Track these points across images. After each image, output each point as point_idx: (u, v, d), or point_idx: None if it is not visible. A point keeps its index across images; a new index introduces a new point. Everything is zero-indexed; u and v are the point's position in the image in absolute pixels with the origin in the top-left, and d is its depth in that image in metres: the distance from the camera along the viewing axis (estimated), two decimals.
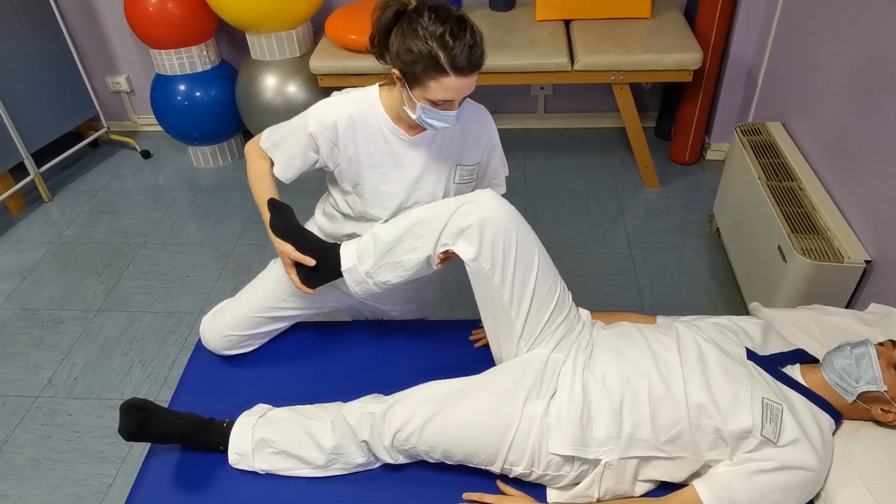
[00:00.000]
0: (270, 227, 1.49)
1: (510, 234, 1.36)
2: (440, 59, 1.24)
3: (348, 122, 1.44)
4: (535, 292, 1.40)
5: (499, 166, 1.64)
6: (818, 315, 1.57)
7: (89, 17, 3.44)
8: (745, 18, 2.86)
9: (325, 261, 1.48)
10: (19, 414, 2.26)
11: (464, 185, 1.57)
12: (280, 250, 1.49)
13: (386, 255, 1.45)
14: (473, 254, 1.36)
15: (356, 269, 1.48)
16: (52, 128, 3.31)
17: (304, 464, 1.40)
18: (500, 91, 3.56)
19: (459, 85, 1.29)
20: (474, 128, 1.52)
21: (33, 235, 3.08)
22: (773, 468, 1.21)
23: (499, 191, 1.64)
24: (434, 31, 1.24)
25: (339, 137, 1.45)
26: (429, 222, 1.40)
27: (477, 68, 1.29)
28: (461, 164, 1.53)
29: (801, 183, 2.21)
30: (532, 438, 1.31)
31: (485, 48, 1.29)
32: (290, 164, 1.50)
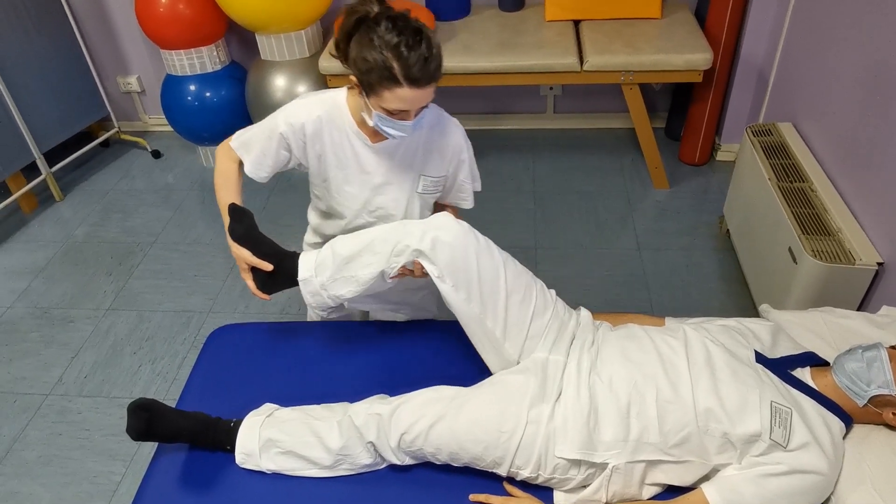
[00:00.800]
0: (229, 232, 1.50)
1: (467, 252, 1.38)
2: (394, 70, 1.24)
3: (316, 123, 1.46)
4: (509, 300, 1.41)
5: (465, 181, 1.61)
6: (829, 317, 1.55)
7: (101, 18, 3.47)
8: (756, 18, 2.84)
9: (283, 267, 1.50)
10: (30, 411, 2.27)
11: (428, 195, 1.57)
12: (236, 255, 1.50)
13: (342, 269, 1.46)
14: (437, 272, 1.39)
15: (312, 281, 1.49)
16: (64, 128, 3.34)
17: (311, 464, 1.40)
18: (509, 91, 3.55)
19: (413, 96, 1.29)
20: (440, 140, 1.51)
21: (45, 234, 3.11)
22: (782, 472, 1.20)
23: (465, 205, 1.66)
24: (389, 41, 1.24)
25: (308, 138, 1.47)
26: (386, 241, 1.42)
27: (431, 80, 1.29)
28: (425, 175, 1.53)
29: (812, 184, 2.20)
30: (538, 442, 1.30)
31: (441, 61, 1.29)
32: (261, 164, 1.51)
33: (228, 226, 1.50)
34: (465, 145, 1.55)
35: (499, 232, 2.92)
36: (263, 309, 2.61)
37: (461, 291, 1.39)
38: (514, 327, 1.41)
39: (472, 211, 3.18)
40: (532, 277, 1.48)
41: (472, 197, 1.67)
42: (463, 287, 1.39)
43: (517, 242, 2.85)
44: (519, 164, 3.36)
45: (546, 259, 2.74)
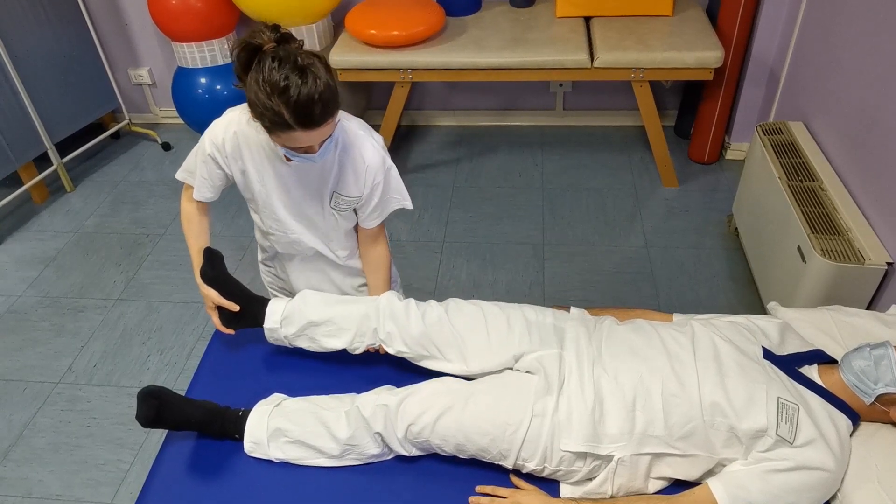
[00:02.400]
0: (200, 275, 1.55)
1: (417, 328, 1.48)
2: (284, 116, 1.21)
3: (234, 140, 1.45)
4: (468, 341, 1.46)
5: (377, 208, 1.56)
6: (837, 315, 1.55)
7: (113, 11, 3.48)
8: (768, 17, 2.83)
9: (250, 311, 1.57)
10: (40, 399, 2.29)
11: (343, 212, 1.55)
12: (204, 294, 1.55)
13: (307, 329, 1.54)
14: (405, 349, 1.50)
15: (277, 331, 1.57)
16: (76, 119, 3.36)
17: (319, 453, 1.41)
18: (519, 87, 3.55)
19: (310, 136, 1.26)
20: (354, 162, 1.47)
21: (56, 224, 3.13)
22: (788, 468, 1.20)
23: (370, 224, 1.59)
24: (276, 85, 1.19)
25: (229, 155, 1.47)
26: (352, 319, 1.52)
27: (325, 119, 1.25)
28: (338, 193, 1.51)
29: (823, 183, 2.19)
30: (544, 435, 1.31)
31: (335, 94, 1.24)
32: (203, 185, 1.54)
33: (200, 269, 1.56)
34: (382, 167, 1.50)
35: (507, 228, 2.92)
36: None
37: (430, 361, 1.49)
38: (488, 354, 1.45)
39: (482, 207, 3.19)
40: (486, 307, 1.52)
41: (379, 222, 1.60)
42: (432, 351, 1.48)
43: (525, 238, 2.85)
44: (528, 161, 3.36)
45: (554, 255, 2.74)
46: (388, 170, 1.52)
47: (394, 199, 1.57)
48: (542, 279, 2.63)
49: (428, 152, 3.48)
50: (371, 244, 1.65)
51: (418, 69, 2.90)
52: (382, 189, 1.53)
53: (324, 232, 1.59)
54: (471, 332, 1.47)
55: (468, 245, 2.84)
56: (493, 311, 1.50)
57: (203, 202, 1.59)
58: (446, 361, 1.47)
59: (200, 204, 1.60)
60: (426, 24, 2.87)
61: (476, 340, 1.46)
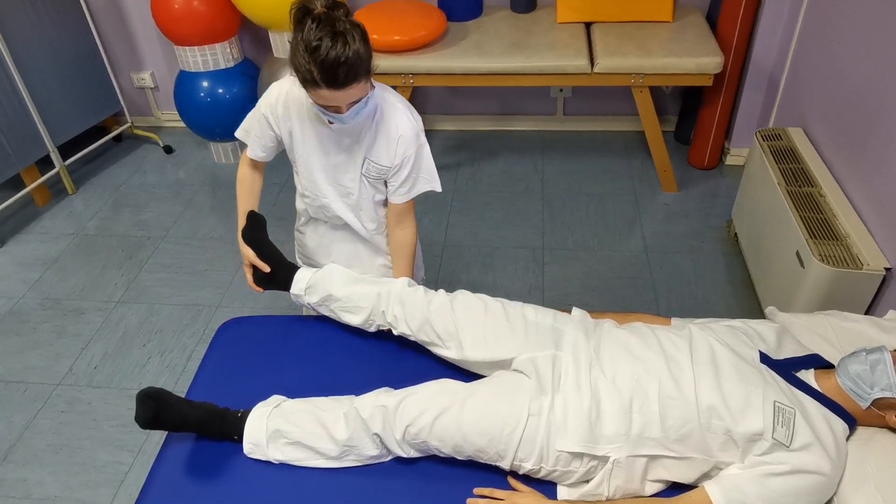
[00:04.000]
0: (241, 234, 1.70)
1: (422, 315, 1.56)
2: (313, 73, 1.30)
3: (286, 100, 1.55)
4: (465, 332, 1.52)
5: (405, 183, 1.60)
6: (835, 320, 1.56)
7: (116, 14, 3.50)
8: (767, 23, 2.84)
9: (278, 275, 1.71)
10: (40, 401, 2.30)
11: (372, 180, 1.61)
12: (242, 252, 1.70)
13: (327, 302, 1.67)
14: (409, 332, 1.59)
15: (301, 298, 1.70)
16: (78, 122, 3.37)
17: (318, 455, 1.42)
18: (520, 92, 3.56)
19: (335, 96, 1.34)
20: (390, 132, 1.53)
21: (57, 227, 3.14)
22: (785, 472, 1.20)
23: (397, 199, 1.63)
24: (308, 44, 1.27)
25: (280, 116, 1.57)
26: (368, 298, 1.62)
27: (350, 82, 1.32)
28: (370, 159, 1.57)
29: (821, 189, 2.20)
30: (540, 434, 1.32)
31: (362, 61, 1.31)
32: (257, 145, 1.65)
33: (242, 228, 1.70)
34: (415, 141, 1.55)
35: (507, 232, 2.93)
36: (272, 303, 2.63)
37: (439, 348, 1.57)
38: (482, 347, 1.50)
39: (483, 211, 3.19)
40: (489, 302, 1.57)
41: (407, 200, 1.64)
42: (432, 338, 1.56)
43: (525, 242, 2.86)
44: (528, 166, 3.37)
45: (554, 260, 2.75)
46: (420, 146, 1.57)
47: (423, 178, 1.62)
48: (542, 283, 2.63)
49: None
50: (397, 224, 1.69)
51: (419, 74, 2.91)
52: (413, 163, 1.57)
53: (355, 200, 1.64)
54: (469, 323, 1.52)
55: (468, 249, 2.85)
56: (495, 307, 1.54)
57: (257, 162, 1.70)
58: (445, 349, 1.55)
59: (255, 164, 1.72)
60: (427, 29, 2.89)
61: (473, 331, 1.51)
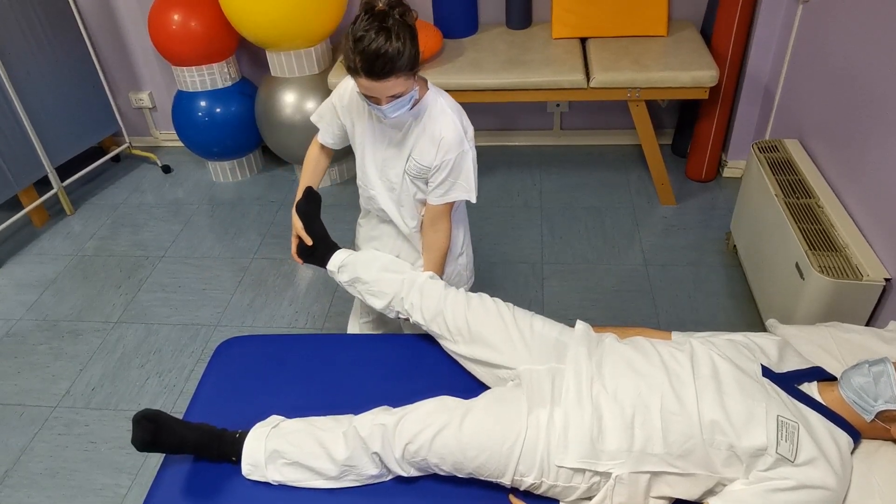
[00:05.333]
0: (296, 205, 1.79)
1: (436, 307, 1.62)
2: (355, 62, 1.36)
3: (352, 94, 1.62)
4: (474, 331, 1.56)
5: (442, 185, 1.61)
6: (836, 332, 1.55)
7: (114, 35, 3.52)
8: (761, 35, 2.86)
9: (319, 250, 1.81)
10: (37, 423, 2.28)
11: (414, 178, 1.64)
12: (293, 222, 1.80)
13: (355, 283, 1.76)
14: (423, 321, 1.65)
15: (335, 275, 1.81)
16: (76, 142, 3.38)
17: (317, 475, 1.41)
18: (517, 108, 3.58)
19: (372, 86, 1.40)
20: (434, 132, 1.57)
21: (55, 247, 3.14)
22: (790, 487, 1.19)
23: (433, 200, 1.65)
24: (356, 34, 1.34)
25: (346, 106, 1.66)
26: (392, 285, 1.69)
27: (387, 75, 1.36)
28: (413, 157, 1.60)
29: (819, 200, 2.20)
30: (540, 447, 1.31)
31: (402, 58, 1.35)
32: (327, 131, 1.76)
33: (297, 200, 1.79)
34: (458, 146, 1.56)
35: (506, 247, 2.92)
36: (271, 322, 2.62)
37: (448, 343, 1.63)
38: (488, 348, 1.54)
39: (481, 226, 3.19)
40: (502, 307, 1.60)
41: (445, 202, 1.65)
42: (444, 331, 1.62)
43: (524, 257, 2.85)
44: (526, 180, 3.37)
45: (553, 274, 2.75)
46: (463, 153, 1.58)
47: (461, 185, 1.62)
48: (542, 298, 2.62)
49: None
50: (431, 225, 1.70)
51: None
52: (452, 168, 1.58)
53: (398, 195, 1.69)
54: (479, 323, 1.56)
55: None
56: (506, 313, 1.58)
57: (326, 147, 1.79)
58: (452, 342, 1.60)
59: (323, 148, 1.81)
60: (424, 46, 2.89)
61: (481, 332, 1.55)
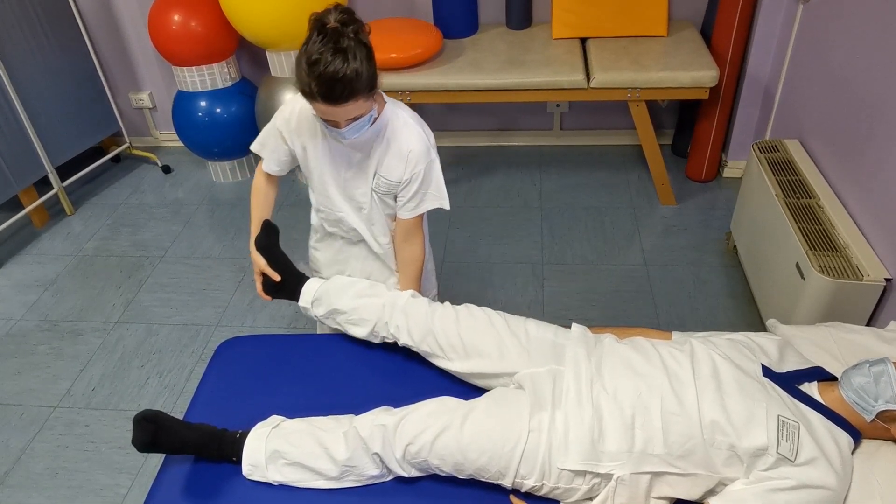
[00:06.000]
0: (255, 242, 1.71)
1: (425, 326, 1.57)
2: (311, 86, 1.30)
3: (299, 115, 1.56)
4: (468, 344, 1.52)
5: (413, 198, 1.59)
6: (837, 332, 1.55)
7: (114, 35, 3.52)
8: (761, 35, 2.86)
9: (288, 284, 1.72)
10: (38, 423, 2.28)
11: (383, 195, 1.60)
12: (254, 259, 1.72)
13: (333, 315, 1.68)
14: (412, 343, 1.59)
15: (308, 310, 1.72)
16: (76, 143, 3.38)
17: (318, 475, 1.40)
18: (517, 108, 3.58)
19: (331, 111, 1.34)
20: (401, 147, 1.53)
21: (55, 248, 3.14)
22: (790, 487, 1.19)
23: (405, 214, 1.62)
24: (310, 56, 1.28)
25: (294, 130, 1.59)
26: (372, 310, 1.63)
27: (345, 99, 1.31)
28: (380, 174, 1.56)
29: (819, 200, 2.20)
30: (541, 450, 1.30)
31: (361, 78, 1.29)
32: (272, 159, 1.67)
33: (256, 236, 1.71)
34: (426, 156, 1.54)
35: (506, 247, 2.92)
36: (271, 322, 2.62)
37: (439, 359, 1.58)
38: (486, 359, 1.50)
39: (481, 227, 3.19)
40: (493, 315, 1.57)
41: (415, 215, 1.63)
42: (436, 349, 1.57)
43: (524, 258, 2.85)
44: (526, 181, 3.37)
45: (553, 274, 2.75)
46: (430, 161, 1.57)
47: (432, 194, 1.61)
48: (542, 298, 2.62)
49: None
50: (404, 240, 1.67)
51: (416, 91, 2.92)
52: (422, 179, 1.56)
53: (367, 214, 1.64)
54: (472, 336, 1.53)
55: (467, 265, 2.85)
56: (498, 321, 1.55)
57: (271, 175, 1.71)
58: (447, 360, 1.56)
59: (269, 177, 1.73)
60: (424, 46, 2.90)
61: (476, 344, 1.52)
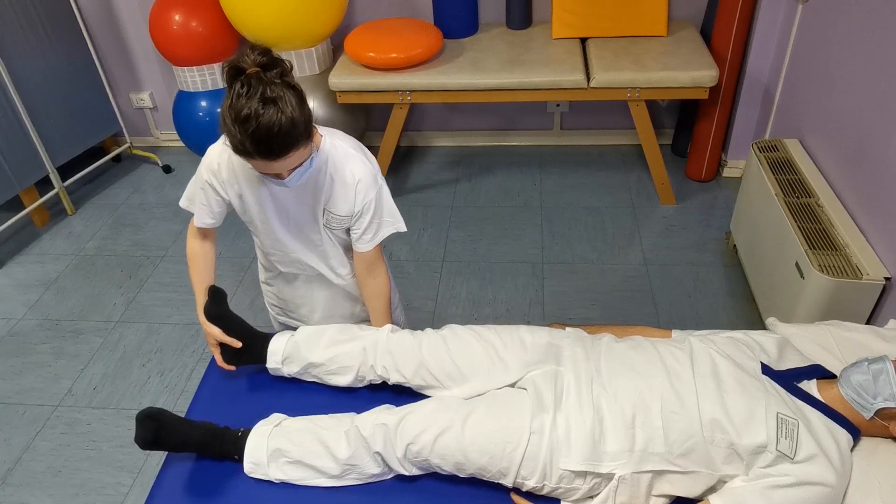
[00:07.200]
0: (204, 312, 1.58)
1: (414, 359, 1.50)
2: (246, 145, 1.21)
3: (229, 164, 1.46)
4: (464, 369, 1.47)
5: (369, 228, 1.53)
6: (836, 330, 1.55)
7: (115, 36, 3.53)
8: (761, 35, 2.87)
9: (252, 348, 1.60)
10: (39, 422, 2.29)
11: (335, 230, 1.55)
12: (207, 331, 1.58)
13: (309, 369, 1.58)
14: (404, 380, 1.52)
15: (279, 370, 1.61)
16: (77, 143, 3.38)
17: (319, 474, 1.41)
18: (517, 108, 3.58)
19: (273, 166, 1.27)
20: (346, 179, 1.46)
21: (57, 247, 3.14)
22: (789, 484, 1.20)
23: (363, 247, 1.56)
24: (239, 112, 1.18)
25: (225, 180, 1.48)
26: (349, 355, 1.54)
27: (286, 152, 1.24)
28: (329, 210, 1.50)
29: (819, 199, 2.20)
30: (543, 452, 1.31)
31: (298, 125, 1.22)
32: (204, 213, 1.55)
33: (204, 306, 1.58)
34: (374, 184, 1.48)
35: (506, 247, 2.93)
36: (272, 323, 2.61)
37: (434, 390, 1.51)
38: (485, 380, 1.46)
39: (482, 226, 3.19)
40: (481, 331, 1.53)
41: (372, 244, 1.56)
42: (429, 381, 1.50)
43: (525, 257, 2.86)
44: (526, 180, 3.38)
45: (553, 274, 2.75)
46: (379, 188, 1.50)
47: (387, 221, 1.55)
48: (542, 297, 2.63)
49: (427, 173, 3.51)
50: (368, 274, 1.61)
51: (417, 91, 2.93)
52: (375, 208, 1.50)
53: (322, 251, 1.60)
54: (466, 360, 1.48)
55: (468, 264, 2.85)
56: (488, 336, 1.51)
57: (206, 229, 1.59)
58: (445, 389, 1.49)
59: (205, 232, 1.61)
60: (424, 46, 2.91)
61: (471, 367, 1.47)
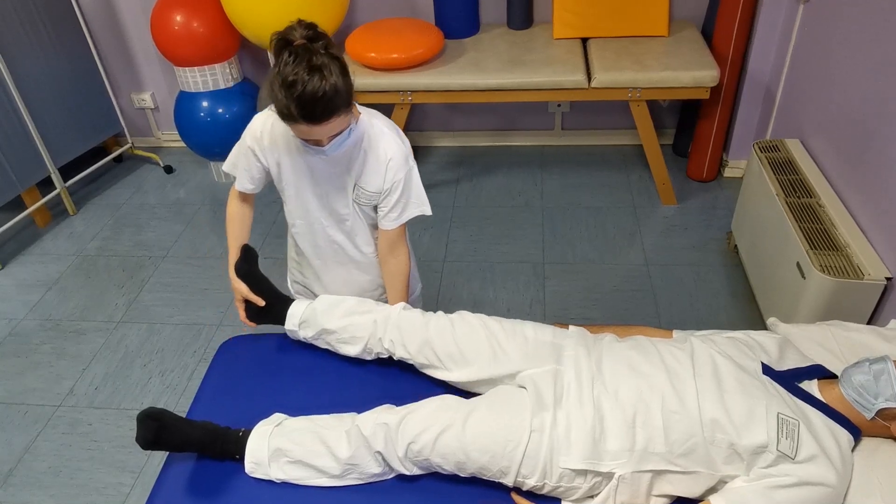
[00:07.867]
0: (234, 268, 1.66)
1: (420, 337, 1.54)
2: (291, 109, 1.28)
3: (272, 131, 1.54)
4: (467, 352, 1.50)
5: (395, 207, 1.58)
6: (837, 331, 1.55)
7: (116, 36, 3.53)
8: (762, 35, 2.87)
9: (274, 308, 1.68)
10: (41, 422, 2.29)
11: (364, 206, 1.60)
12: (235, 287, 1.67)
13: (323, 335, 1.65)
14: (408, 356, 1.57)
15: (296, 332, 1.68)
16: (79, 143, 3.39)
17: (320, 473, 1.41)
18: (518, 108, 3.58)
19: (314, 131, 1.34)
20: (379, 157, 1.52)
21: (58, 248, 3.15)
22: (790, 484, 1.20)
23: (388, 224, 1.60)
24: (285, 79, 1.26)
25: (266, 147, 1.56)
26: (364, 328, 1.59)
27: (329, 116, 1.31)
28: (360, 186, 1.55)
29: (820, 199, 2.20)
30: (543, 450, 1.31)
31: (341, 94, 1.29)
32: (245, 178, 1.64)
33: (235, 262, 1.67)
34: (405, 164, 1.54)
35: (507, 247, 2.93)
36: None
37: (437, 370, 1.55)
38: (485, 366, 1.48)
39: (483, 226, 3.19)
40: (488, 320, 1.56)
41: (398, 223, 1.61)
42: (433, 360, 1.54)
43: (526, 257, 2.86)
44: (528, 180, 3.38)
45: (554, 274, 2.75)
46: (409, 169, 1.56)
47: (414, 202, 1.60)
48: (543, 297, 2.63)
49: (428, 172, 3.51)
50: (390, 252, 1.66)
51: (418, 91, 2.93)
52: (403, 187, 1.56)
53: (349, 226, 1.64)
54: (470, 344, 1.51)
55: (469, 264, 2.85)
56: (494, 326, 1.53)
57: (246, 194, 1.68)
58: (446, 370, 1.53)
59: (244, 197, 1.70)
60: (425, 46, 2.91)
61: (474, 352, 1.50)
